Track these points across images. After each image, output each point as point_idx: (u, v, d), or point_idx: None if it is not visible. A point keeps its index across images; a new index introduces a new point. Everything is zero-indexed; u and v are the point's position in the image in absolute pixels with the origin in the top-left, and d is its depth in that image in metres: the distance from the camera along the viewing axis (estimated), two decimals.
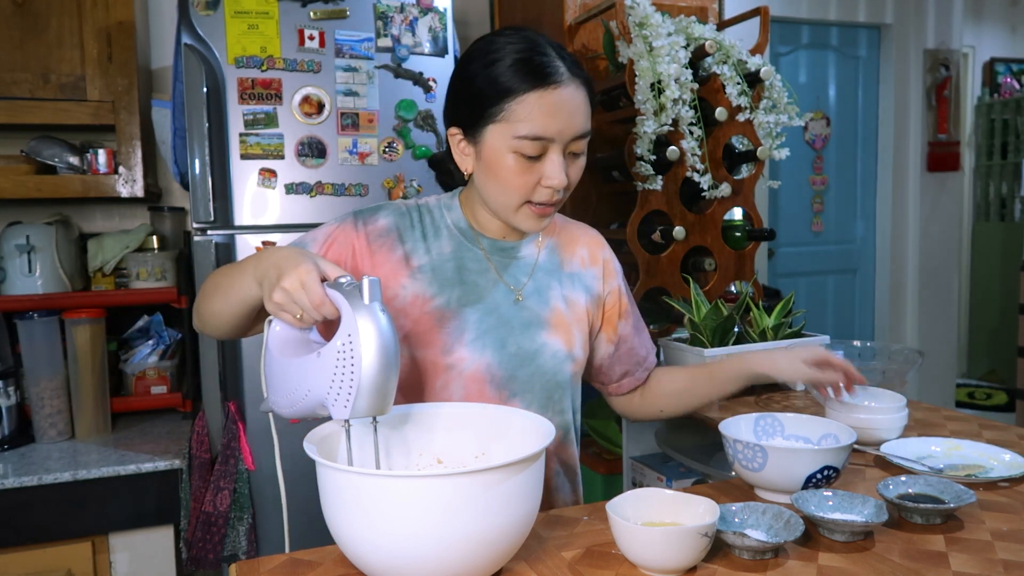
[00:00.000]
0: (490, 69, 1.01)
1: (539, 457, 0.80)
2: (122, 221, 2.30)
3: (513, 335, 1.10)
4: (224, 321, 1.02)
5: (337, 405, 0.83)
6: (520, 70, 1.00)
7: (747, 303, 1.72)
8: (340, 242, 1.08)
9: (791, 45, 3.75)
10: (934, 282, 4.05)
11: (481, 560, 0.77)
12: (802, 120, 1.97)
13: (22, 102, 1.91)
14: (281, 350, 0.91)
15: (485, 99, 1.02)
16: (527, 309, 1.12)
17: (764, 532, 0.88)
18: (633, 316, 1.26)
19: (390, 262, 1.09)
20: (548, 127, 1.00)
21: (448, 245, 1.12)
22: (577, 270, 1.19)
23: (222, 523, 1.75)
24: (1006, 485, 1.07)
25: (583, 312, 1.17)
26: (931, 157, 3.96)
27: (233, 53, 1.76)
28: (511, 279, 1.13)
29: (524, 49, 1.01)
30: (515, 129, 1.00)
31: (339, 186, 1.84)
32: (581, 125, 1.03)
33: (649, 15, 1.83)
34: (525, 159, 1.01)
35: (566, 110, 1.00)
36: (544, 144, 1.01)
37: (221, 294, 1.00)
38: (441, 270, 1.10)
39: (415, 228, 1.11)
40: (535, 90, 0.99)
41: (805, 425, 1.11)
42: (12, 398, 1.84)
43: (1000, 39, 5.21)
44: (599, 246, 1.24)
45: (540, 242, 1.17)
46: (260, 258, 0.94)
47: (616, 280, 1.24)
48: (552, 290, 1.15)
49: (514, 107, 1.00)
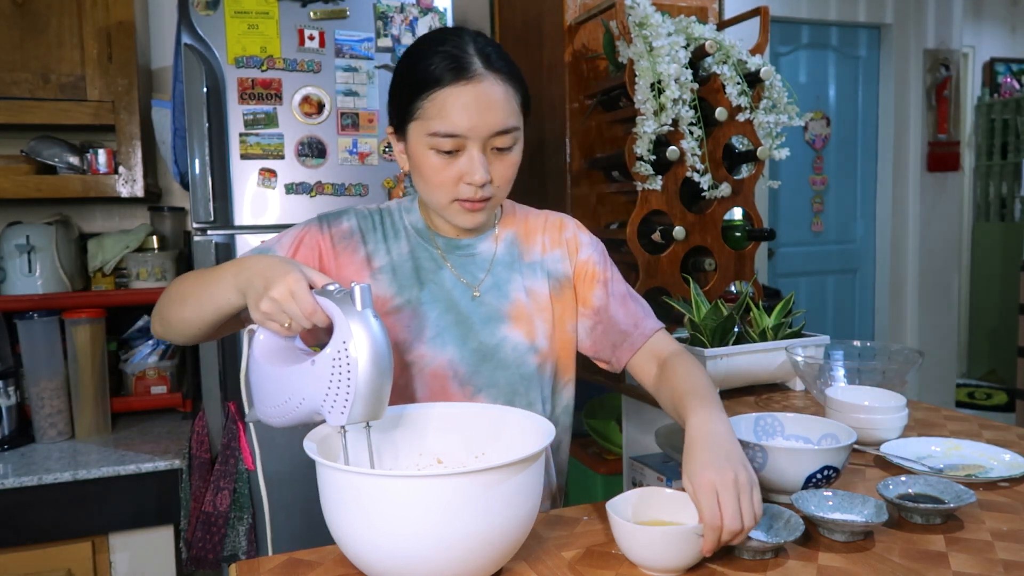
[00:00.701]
0: (411, 66, 1.03)
1: (539, 457, 0.80)
2: (122, 221, 2.30)
3: (473, 331, 1.10)
4: (193, 328, 1.01)
5: (334, 412, 0.83)
6: (434, 66, 1.00)
7: (747, 303, 1.72)
8: (307, 244, 1.10)
9: (791, 45, 3.75)
10: (934, 282, 4.05)
11: (481, 560, 0.77)
12: (802, 120, 1.97)
13: (22, 102, 1.91)
14: (267, 359, 0.91)
15: (405, 97, 1.03)
16: (485, 304, 1.12)
17: (764, 532, 0.88)
18: (612, 286, 1.19)
19: (353, 263, 1.11)
20: (460, 123, 1.00)
21: (406, 246, 1.13)
22: (537, 258, 1.17)
23: (222, 523, 1.75)
24: (1006, 485, 1.07)
25: (546, 300, 1.15)
26: (931, 157, 3.97)
27: (233, 53, 1.76)
28: (468, 276, 1.13)
29: (442, 46, 1.01)
30: (429, 126, 1.01)
31: (339, 186, 1.84)
32: (499, 121, 1.01)
33: (649, 15, 1.83)
34: (444, 155, 1.02)
35: (480, 106, 1.00)
36: (459, 141, 1.01)
37: (191, 302, 0.99)
38: (401, 270, 1.11)
39: (376, 230, 1.14)
40: (448, 86, 0.99)
41: (805, 425, 1.11)
42: (12, 398, 1.84)
43: (1000, 39, 5.21)
44: (560, 228, 1.20)
45: (497, 236, 1.17)
46: (240, 267, 0.93)
47: (586, 252, 1.19)
48: (512, 283, 1.14)
49: (427, 104, 1.01)
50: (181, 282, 1.03)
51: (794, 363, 1.51)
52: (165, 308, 1.04)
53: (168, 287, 1.06)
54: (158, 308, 1.06)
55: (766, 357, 1.62)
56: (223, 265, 0.98)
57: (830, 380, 1.44)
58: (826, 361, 1.49)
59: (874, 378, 1.40)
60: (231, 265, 0.95)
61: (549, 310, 1.16)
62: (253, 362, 0.92)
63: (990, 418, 1.44)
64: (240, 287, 0.91)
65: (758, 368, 1.62)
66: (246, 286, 0.90)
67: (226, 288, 0.93)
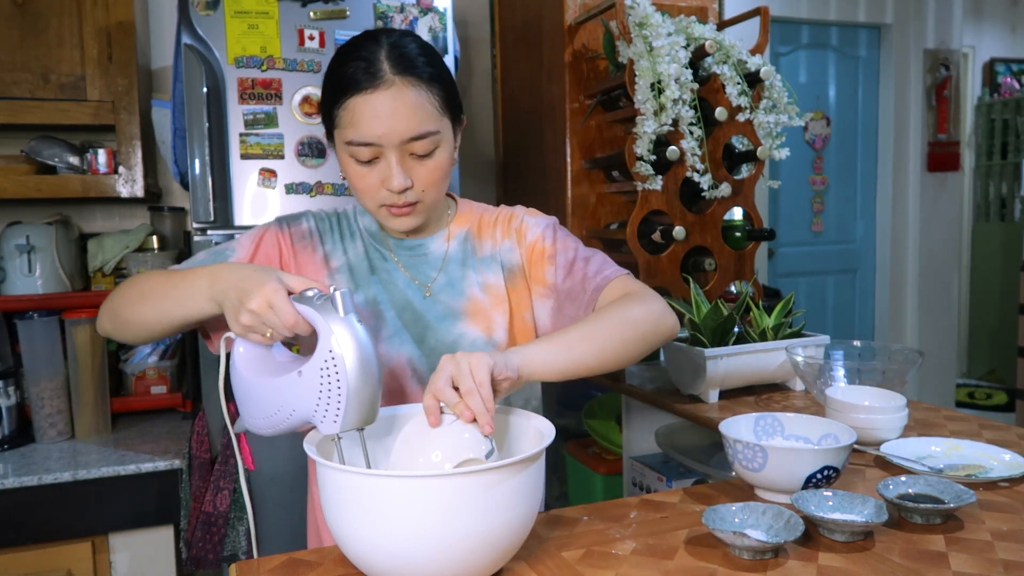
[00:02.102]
0: (330, 73, 1.03)
1: (539, 457, 0.80)
2: (122, 221, 2.30)
3: (430, 329, 1.11)
4: (152, 331, 0.99)
5: (326, 421, 0.82)
6: (341, 76, 1.00)
7: (747, 303, 1.72)
8: (268, 242, 1.10)
9: (791, 45, 3.75)
10: (934, 282, 4.05)
11: (481, 560, 0.77)
12: (802, 120, 1.97)
13: (22, 102, 1.91)
14: (251, 370, 0.90)
15: (326, 105, 1.04)
16: (440, 303, 1.12)
17: (764, 532, 0.88)
18: (560, 257, 1.13)
19: (312, 263, 1.12)
20: (370, 131, 0.99)
21: (361, 246, 1.15)
22: (489, 252, 1.17)
23: (222, 523, 1.75)
24: (1006, 485, 1.07)
25: (503, 293, 1.14)
26: (931, 157, 3.97)
27: (233, 53, 1.76)
28: (420, 275, 1.14)
29: (352, 52, 1.01)
30: (345, 134, 1.01)
31: (339, 186, 1.84)
32: (411, 127, 0.99)
33: (649, 15, 1.83)
34: (363, 163, 1.02)
35: (389, 112, 0.98)
36: (375, 149, 1.00)
37: (154, 304, 0.97)
38: (357, 270, 1.13)
39: (333, 231, 1.15)
40: (358, 94, 0.98)
41: (805, 425, 1.11)
42: (12, 398, 1.84)
43: (1000, 39, 5.21)
44: (511, 218, 1.19)
45: (449, 234, 1.17)
46: (215, 277, 0.91)
47: (533, 232, 1.16)
48: (466, 280, 1.14)
49: (342, 113, 1.00)
50: (142, 282, 1.00)
51: (794, 363, 1.51)
52: (121, 307, 1.01)
53: (123, 286, 1.03)
54: (111, 306, 1.02)
55: (766, 357, 1.62)
56: (193, 271, 0.96)
57: (830, 380, 1.44)
58: (826, 361, 1.49)
59: (874, 378, 1.40)
60: (204, 274, 0.93)
61: (506, 302, 1.14)
62: (235, 373, 0.91)
63: (990, 418, 1.44)
64: (216, 298, 0.90)
65: (758, 368, 1.62)
66: (222, 298, 0.89)
67: (199, 297, 0.92)
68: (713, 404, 1.59)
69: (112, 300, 1.03)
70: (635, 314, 1.03)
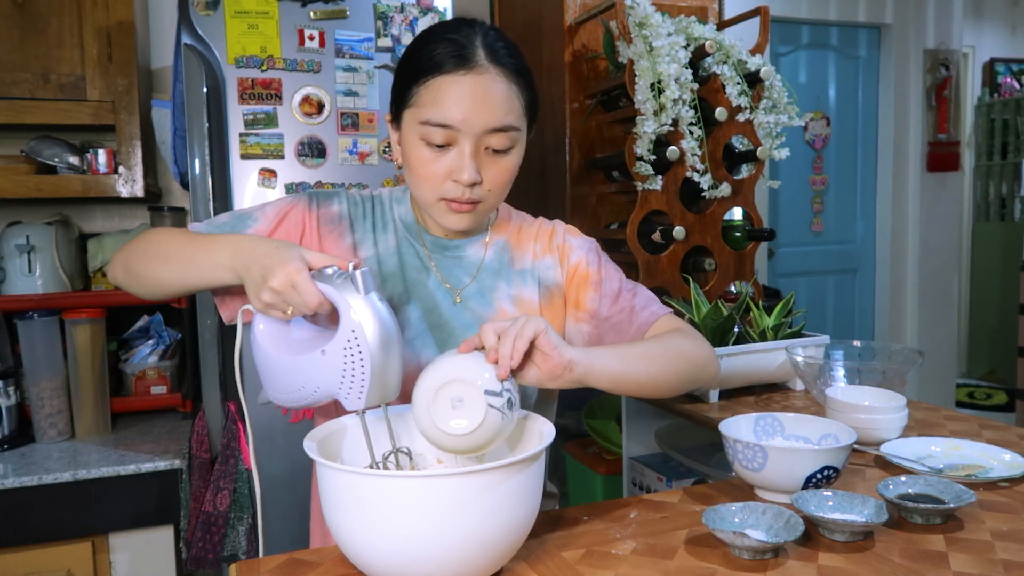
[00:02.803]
0: (414, 52, 0.99)
1: (539, 457, 0.80)
2: (122, 221, 2.30)
3: (454, 336, 1.07)
4: (168, 290, 0.98)
5: (351, 398, 0.85)
6: (434, 53, 0.95)
7: (747, 303, 1.72)
8: (292, 219, 1.05)
9: (791, 45, 3.75)
10: (934, 282, 4.05)
11: (481, 560, 0.77)
12: (802, 120, 1.97)
13: (22, 102, 1.91)
14: (273, 345, 0.91)
15: (403, 82, 0.99)
16: (468, 310, 1.08)
17: (764, 532, 0.88)
18: (605, 286, 1.12)
19: (338, 249, 1.06)
20: (453, 114, 0.94)
21: (393, 240, 1.09)
22: (528, 266, 1.12)
23: (222, 523, 1.75)
24: (1006, 485, 1.07)
25: (535, 309, 1.10)
26: (931, 157, 3.97)
27: (233, 53, 1.76)
28: (453, 280, 1.09)
29: (445, 33, 0.97)
30: (422, 113, 0.95)
31: (339, 186, 1.84)
32: (496, 118, 0.95)
33: (649, 15, 1.83)
34: (435, 149, 0.96)
35: (476, 98, 0.94)
36: (450, 133, 0.95)
37: (173, 266, 0.95)
38: (385, 264, 1.07)
39: (366, 219, 1.09)
40: (446, 74, 0.94)
41: (805, 425, 1.11)
42: (12, 398, 1.84)
43: (1000, 39, 5.21)
44: (552, 235, 1.15)
45: (488, 241, 1.12)
46: (237, 248, 0.90)
47: (576, 255, 1.13)
48: (497, 291, 1.10)
49: (423, 90, 0.96)
50: (162, 240, 0.98)
51: (794, 363, 1.51)
52: (138, 262, 0.99)
53: (140, 239, 1.00)
54: (126, 258, 1.01)
55: (766, 357, 1.62)
56: (214, 237, 0.94)
57: (830, 380, 1.44)
58: (826, 361, 1.49)
59: (874, 378, 1.40)
60: (226, 243, 0.92)
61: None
62: (257, 348, 0.92)
63: (990, 418, 1.44)
64: (237, 270, 0.89)
65: (758, 368, 1.62)
66: (244, 272, 0.88)
67: (220, 267, 0.91)
68: (713, 404, 1.59)
69: (127, 252, 1.01)
70: (690, 350, 1.04)
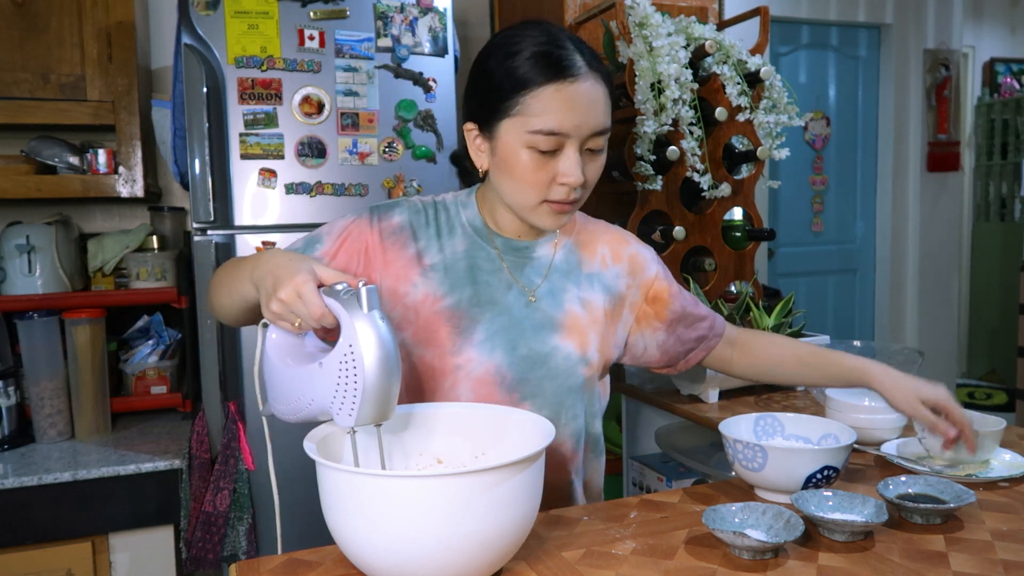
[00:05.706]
0: (507, 62, 1.00)
1: (539, 457, 0.80)
2: (122, 221, 2.30)
3: (524, 337, 1.07)
4: (230, 315, 1.04)
5: (342, 414, 0.83)
6: (537, 63, 0.98)
7: (747, 303, 1.72)
8: (354, 237, 1.07)
9: (791, 45, 3.75)
10: (934, 282, 4.05)
11: (481, 560, 0.77)
12: (802, 120, 1.97)
13: (22, 102, 1.91)
14: (280, 356, 0.91)
15: (501, 93, 1.00)
16: (540, 311, 1.09)
17: (764, 532, 0.88)
18: (680, 298, 1.19)
19: (402, 259, 1.07)
20: (564, 122, 0.98)
21: (461, 244, 1.10)
22: (597, 270, 1.15)
23: (222, 523, 1.75)
24: (1006, 485, 1.07)
25: (601, 314, 1.13)
26: (931, 157, 3.97)
27: (233, 53, 1.76)
28: (525, 280, 1.10)
29: (542, 42, 0.99)
30: (530, 123, 0.98)
31: (339, 186, 1.84)
32: (599, 121, 1.00)
33: (649, 15, 1.83)
34: (540, 155, 0.99)
35: (583, 105, 0.98)
36: (559, 140, 0.98)
37: (225, 290, 1.01)
38: (453, 269, 1.08)
39: (429, 226, 1.10)
40: (551, 83, 0.97)
41: (805, 425, 1.11)
42: (12, 398, 1.84)
43: (1000, 39, 5.21)
44: (622, 243, 1.19)
45: (557, 242, 1.14)
46: (258, 261, 0.93)
47: (652, 269, 1.18)
48: (567, 292, 1.11)
49: (529, 100, 0.98)
50: (223, 268, 1.05)
51: None
52: (211, 292, 1.07)
53: (218, 270, 1.07)
54: (209, 290, 1.08)
55: None
56: (250, 256, 0.99)
57: None
58: None
59: None
60: (254, 258, 0.96)
61: (602, 324, 1.13)
62: (266, 358, 0.92)
63: None
64: (255, 282, 0.92)
65: None
66: (259, 283, 0.90)
67: (246, 281, 0.95)
68: (713, 404, 1.59)
69: (210, 285, 1.08)
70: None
